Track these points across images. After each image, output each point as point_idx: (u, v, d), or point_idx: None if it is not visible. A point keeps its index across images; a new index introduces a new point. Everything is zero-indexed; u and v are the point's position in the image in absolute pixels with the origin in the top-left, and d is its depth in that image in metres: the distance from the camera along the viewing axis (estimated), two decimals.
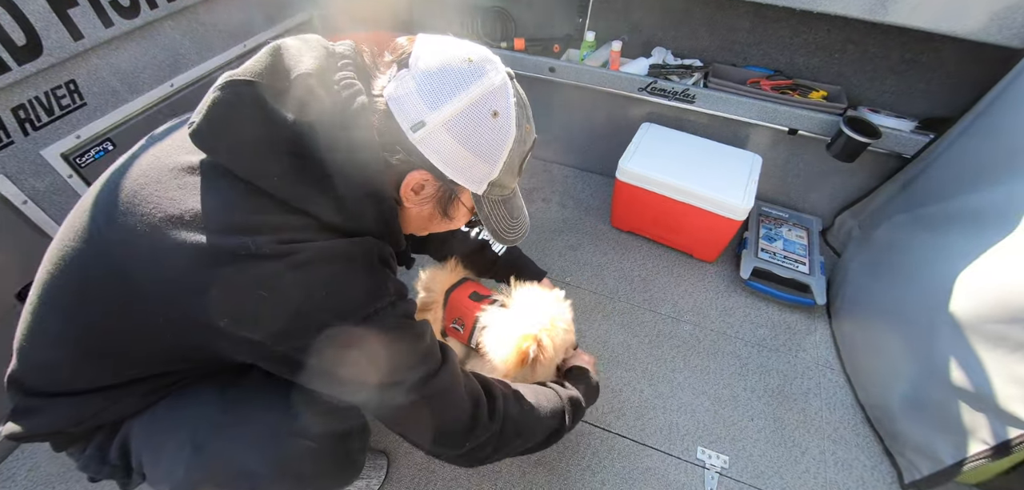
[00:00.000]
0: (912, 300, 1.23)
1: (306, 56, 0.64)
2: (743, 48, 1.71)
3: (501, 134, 0.66)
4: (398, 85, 0.64)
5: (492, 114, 0.64)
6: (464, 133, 0.64)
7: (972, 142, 1.28)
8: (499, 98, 0.65)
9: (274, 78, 0.63)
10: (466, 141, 0.64)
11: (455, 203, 0.73)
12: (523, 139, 0.70)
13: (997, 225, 1.07)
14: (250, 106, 0.60)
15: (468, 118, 0.63)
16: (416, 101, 0.62)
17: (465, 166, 0.66)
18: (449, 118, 0.63)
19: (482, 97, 0.63)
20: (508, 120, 0.66)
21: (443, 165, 0.65)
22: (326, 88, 0.62)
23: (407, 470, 1.17)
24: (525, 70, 1.82)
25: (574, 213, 1.88)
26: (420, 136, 0.63)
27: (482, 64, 0.65)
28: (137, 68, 1.35)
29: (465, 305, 1.10)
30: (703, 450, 1.23)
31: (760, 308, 1.57)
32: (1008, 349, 0.96)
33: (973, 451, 1.02)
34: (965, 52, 1.40)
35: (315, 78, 0.62)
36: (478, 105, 0.63)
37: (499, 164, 0.68)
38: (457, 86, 0.63)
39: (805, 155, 1.72)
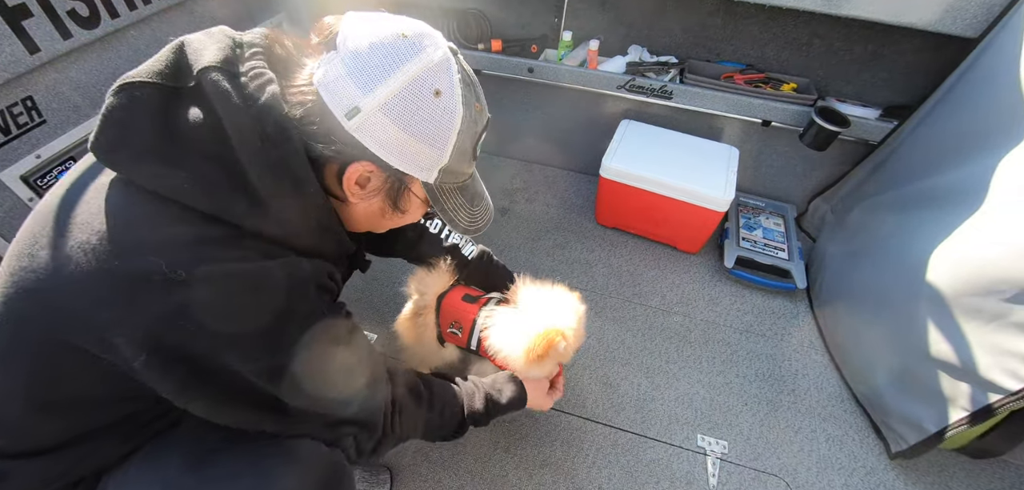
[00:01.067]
0: (887, 279, 1.29)
1: (210, 48, 0.57)
2: (716, 44, 1.76)
3: (446, 115, 0.61)
4: (327, 69, 0.58)
5: (434, 93, 0.59)
6: (404, 117, 0.58)
7: (933, 127, 1.36)
8: (440, 75, 0.60)
9: (177, 76, 0.57)
10: (407, 125, 0.59)
11: (406, 195, 0.68)
12: (474, 119, 0.65)
13: (961, 203, 1.14)
14: (148, 110, 0.54)
15: (407, 99, 0.58)
16: (347, 85, 0.57)
17: (410, 153, 0.61)
18: (385, 101, 0.57)
19: (420, 75, 0.58)
20: (453, 99, 0.61)
21: (386, 154, 0.60)
22: (233, 81, 0.56)
23: (411, 482, 1.15)
24: (504, 71, 1.81)
25: (559, 212, 1.89)
26: (356, 124, 0.58)
27: (418, 39, 0.59)
28: (99, 81, 1.27)
29: (460, 308, 1.08)
30: (703, 437, 1.25)
31: (745, 295, 1.62)
32: (984, 320, 1.02)
33: (955, 418, 1.08)
34: (923, 42, 1.49)
35: (220, 71, 0.55)
36: (417, 84, 0.58)
37: (448, 148, 0.63)
38: (391, 64, 0.57)
39: (778, 145, 1.78)
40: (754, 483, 1.18)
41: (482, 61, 1.81)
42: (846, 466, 1.22)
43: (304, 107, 0.59)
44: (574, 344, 0.99)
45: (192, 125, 0.54)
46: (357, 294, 1.53)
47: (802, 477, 1.19)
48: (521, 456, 1.19)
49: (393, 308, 1.49)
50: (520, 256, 1.71)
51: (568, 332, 0.96)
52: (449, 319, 1.10)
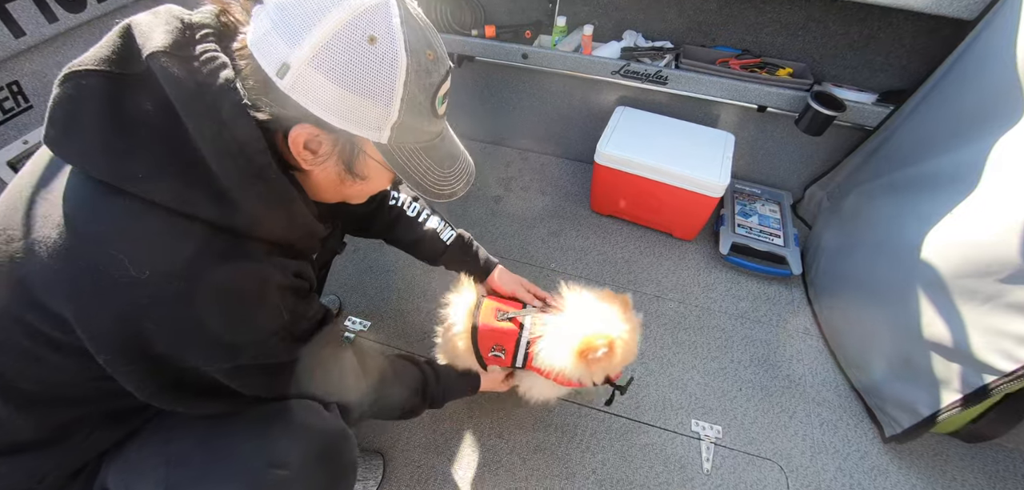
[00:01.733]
0: (883, 264, 1.28)
1: (158, 31, 0.53)
2: (711, 28, 1.74)
3: (385, 64, 0.54)
4: (256, 25, 0.54)
5: (367, 40, 0.52)
6: (336, 69, 0.52)
7: (929, 111, 1.35)
8: (375, 19, 0.53)
9: (125, 62, 0.53)
10: (341, 78, 0.53)
11: (361, 159, 0.62)
12: (425, 68, 0.58)
13: (956, 187, 1.13)
14: (96, 100, 0.51)
15: (336, 50, 0.52)
16: (274, 40, 0.52)
17: (350, 109, 0.55)
18: (313, 54, 0.51)
19: (350, 20, 0.52)
20: (393, 45, 0.54)
21: (326, 113, 0.54)
22: (184, 65, 0.52)
23: (405, 468, 1.14)
24: (497, 57, 1.80)
25: (554, 200, 1.88)
26: (289, 82, 0.52)
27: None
28: None
29: (498, 331, 1.02)
30: (697, 422, 1.25)
31: (740, 282, 1.61)
32: (979, 302, 1.02)
33: (949, 401, 1.08)
34: (919, 25, 1.48)
35: (170, 55, 0.52)
36: (347, 32, 0.52)
37: (394, 101, 0.56)
38: (315, 11, 0.51)
39: (774, 131, 1.77)
40: (748, 467, 1.18)
41: (475, 47, 1.79)
42: (840, 450, 1.22)
43: (242, 74, 0.55)
44: (623, 355, 0.92)
45: (144, 114, 0.52)
46: (351, 282, 1.53)
47: (796, 461, 1.19)
48: (515, 441, 1.19)
49: (385, 296, 1.49)
50: (514, 244, 1.70)
51: (618, 342, 0.90)
52: (489, 344, 1.04)
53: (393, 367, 0.95)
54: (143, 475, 0.65)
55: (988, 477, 1.19)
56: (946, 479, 1.19)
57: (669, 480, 1.15)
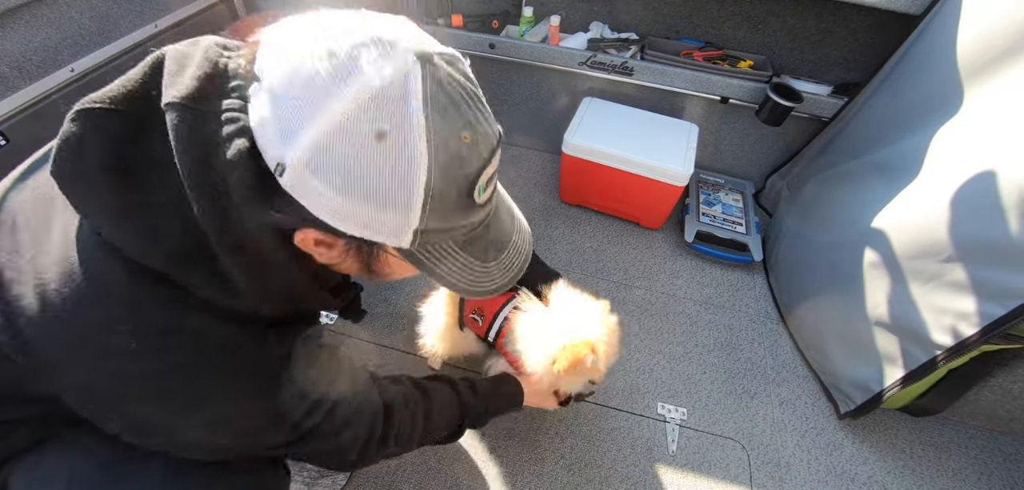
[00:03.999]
0: (837, 248, 1.33)
1: (186, 73, 0.47)
2: (675, 21, 1.78)
3: (400, 166, 0.42)
4: (255, 106, 0.44)
5: (375, 137, 0.41)
6: (337, 176, 0.42)
7: (880, 102, 1.41)
8: (385, 107, 0.41)
9: (148, 100, 0.47)
10: (344, 187, 0.42)
11: (382, 259, 0.53)
12: (457, 157, 0.46)
13: (904, 173, 1.18)
14: (105, 147, 0.45)
15: (336, 152, 0.41)
16: (271, 131, 0.43)
17: (360, 218, 0.45)
18: (309, 157, 0.41)
19: (353, 114, 0.41)
20: (408, 138, 0.42)
21: (331, 218, 0.45)
22: (198, 125, 0.45)
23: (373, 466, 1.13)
24: (464, 47, 1.78)
25: (523, 190, 1.89)
26: (288, 182, 0.43)
27: (353, 57, 0.41)
28: (28, 51, 1.19)
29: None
30: (663, 405, 1.28)
31: (704, 269, 1.65)
32: (923, 281, 1.07)
33: (897, 376, 1.13)
34: (871, 20, 1.54)
35: (187, 109, 0.45)
36: (348, 129, 0.41)
37: (413, 208, 0.45)
38: (311, 102, 0.41)
39: (736, 122, 1.82)
40: (712, 447, 1.21)
41: (442, 37, 1.77)
42: (798, 427, 1.27)
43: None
44: (605, 360, 0.91)
45: (151, 171, 0.47)
46: None
47: (757, 439, 1.23)
48: (484, 429, 1.19)
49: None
50: None
51: (598, 345, 0.89)
52: (472, 306, 1.05)
53: (419, 385, 0.88)
54: (45, 484, 0.61)
55: (935, 448, 1.26)
56: (896, 451, 1.25)
57: (636, 462, 1.17)
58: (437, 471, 1.12)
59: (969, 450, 1.27)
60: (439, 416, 0.87)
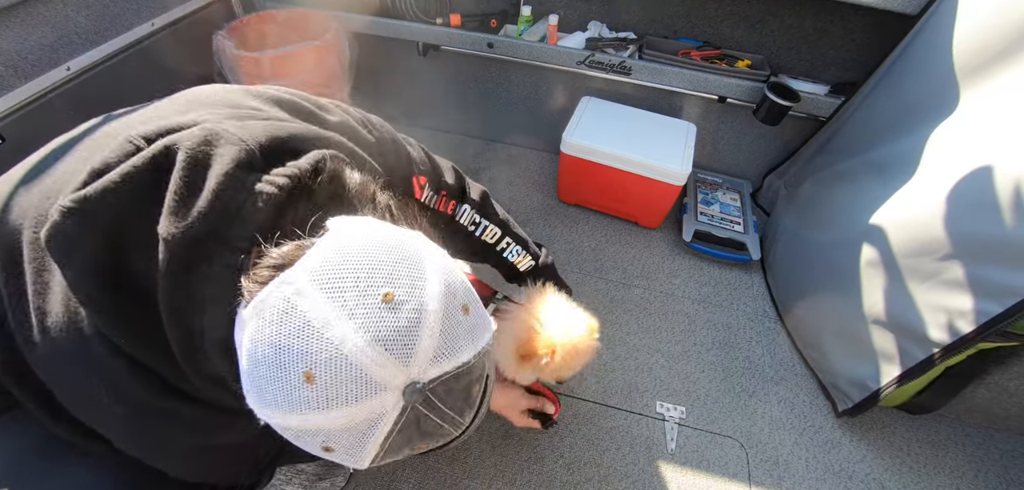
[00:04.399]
0: (834, 247, 1.34)
1: (195, 202, 0.45)
2: (673, 21, 1.78)
3: (339, 459, 0.43)
4: (238, 331, 0.44)
5: (323, 448, 0.42)
6: (288, 438, 0.43)
7: (878, 101, 1.41)
8: (341, 438, 0.41)
9: (143, 206, 0.45)
10: (294, 443, 0.44)
11: None
12: (403, 453, 0.46)
13: (901, 172, 1.19)
14: (94, 252, 0.45)
15: (286, 432, 0.42)
16: (242, 364, 0.43)
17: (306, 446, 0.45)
18: (268, 422, 0.43)
19: (308, 432, 0.41)
20: (354, 455, 0.42)
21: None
22: (191, 270, 0.44)
23: None
24: (463, 47, 1.78)
25: (522, 190, 1.89)
26: (249, 403, 0.43)
27: (330, 393, 0.39)
28: (23, 50, 1.18)
29: None
30: (661, 404, 1.28)
31: (702, 268, 1.65)
32: (920, 279, 1.08)
33: (895, 374, 1.14)
34: (868, 20, 1.54)
35: (181, 248, 0.44)
36: (301, 436, 0.41)
37: (356, 465, 0.45)
38: (274, 402, 0.40)
39: (734, 122, 1.82)
40: (710, 445, 1.21)
41: (440, 36, 1.77)
42: (796, 426, 1.27)
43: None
44: (564, 364, 0.89)
45: (142, 283, 0.46)
46: None
47: (755, 437, 1.24)
48: (483, 429, 1.19)
49: None
50: None
51: (560, 349, 0.87)
52: None
53: None
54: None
55: (932, 446, 1.27)
56: (894, 449, 1.25)
57: (635, 460, 1.17)
58: (435, 470, 1.12)
59: (966, 447, 1.27)
60: None
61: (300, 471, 1.07)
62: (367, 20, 1.79)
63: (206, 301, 0.45)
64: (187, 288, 0.45)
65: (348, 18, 1.77)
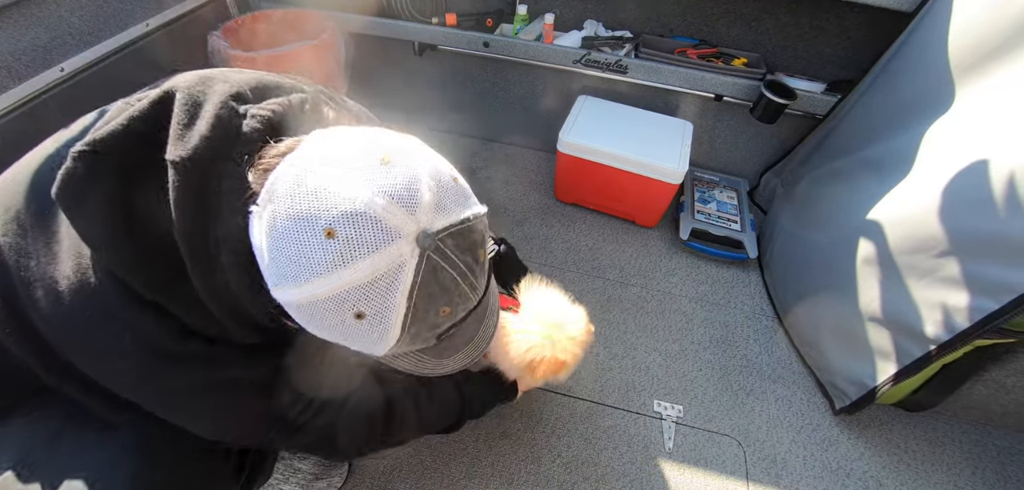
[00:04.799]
0: (831, 244, 1.34)
1: (195, 128, 0.47)
2: (669, 19, 1.78)
3: (373, 334, 0.46)
4: (255, 226, 0.46)
5: (355, 316, 0.44)
6: (317, 324, 0.46)
7: (874, 99, 1.42)
8: (370, 297, 0.43)
9: (150, 145, 0.48)
10: (324, 331, 0.47)
11: None
12: (430, 323, 0.48)
13: (897, 169, 1.19)
14: (106, 193, 0.47)
15: (317, 315, 0.45)
16: (263, 260, 0.45)
17: (336, 339, 0.48)
18: (292, 306, 0.46)
19: (337, 296, 0.43)
20: (385, 322, 0.45)
21: (310, 328, 0.48)
22: (201, 189, 0.47)
23: (370, 460, 1.12)
24: (459, 46, 1.78)
25: (518, 189, 1.88)
26: (275, 295, 0.46)
27: (352, 244, 0.42)
28: (16, 51, 1.17)
29: None
30: (659, 403, 1.28)
31: (700, 266, 1.65)
32: (916, 276, 1.08)
33: (892, 372, 1.14)
34: (863, 17, 1.54)
35: (190, 171, 0.46)
36: (331, 305, 0.44)
37: (380, 352, 0.49)
38: (300, 272, 0.43)
39: (731, 120, 1.82)
40: (708, 443, 1.21)
41: (436, 35, 1.77)
42: (794, 424, 1.27)
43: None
44: (572, 366, 0.95)
45: (156, 221, 0.48)
46: None
47: (753, 436, 1.23)
48: (480, 427, 1.19)
49: None
50: None
51: (571, 361, 0.93)
52: None
53: (420, 378, 0.89)
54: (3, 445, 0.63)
55: (929, 443, 1.27)
56: (891, 446, 1.25)
57: (633, 459, 1.17)
58: (433, 470, 1.12)
59: (963, 444, 1.28)
60: (440, 405, 0.89)
61: (297, 471, 1.07)
62: (363, 20, 1.78)
63: (219, 212, 0.47)
64: (199, 205, 0.47)
65: (344, 18, 1.76)
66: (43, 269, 0.51)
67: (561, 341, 0.91)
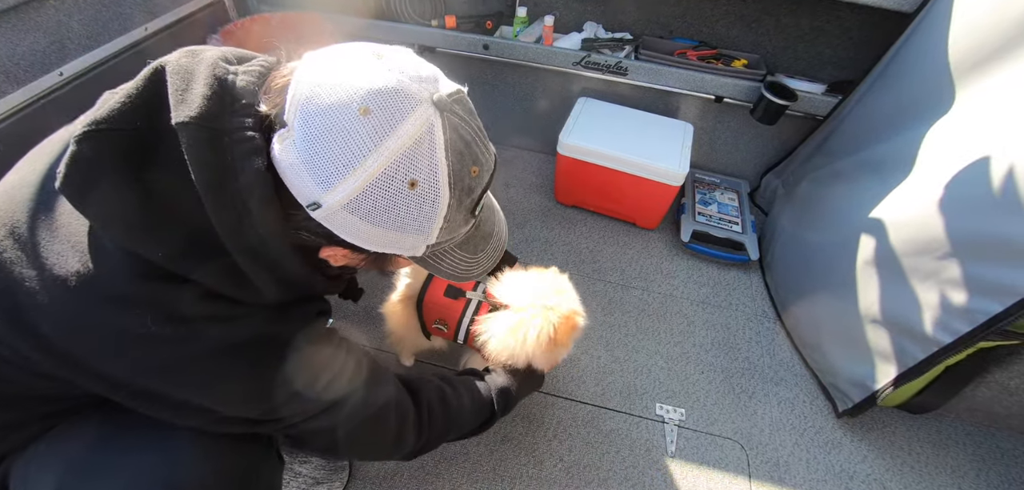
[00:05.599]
0: (833, 246, 1.33)
1: (194, 91, 0.49)
2: (669, 21, 1.77)
3: (427, 205, 0.50)
4: (282, 150, 0.48)
5: (408, 185, 0.48)
6: (374, 214, 0.49)
7: (875, 99, 1.41)
8: (417, 160, 0.48)
9: (152, 117, 0.49)
10: (380, 221, 0.49)
11: (393, 261, 0.63)
12: (467, 188, 0.53)
13: (898, 170, 1.19)
14: (118, 167, 0.47)
15: (374, 197, 0.48)
16: (304, 176, 0.47)
17: (387, 242, 0.53)
18: (348, 200, 0.47)
19: (390, 167, 0.47)
20: (435, 184, 0.50)
21: (359, 241, 0.52)
22: (214, 143, 0.47)
23: (371, 466, 1.12)
24: (458, 48, 1.78)
25: (519, 192, 1.88)
26: (321, 216, 0.49)
27: (388, 114, 0.46)
28: (16, 55, 1.17)
29: (444, 305, 1.05)
30: (661, 406, 1.27)
31: (701, 268, 1.65)
32: (919, 278, 1.07)
33: (895, 374, 1.13)
34: (864, 18, 1.54)
35: (200, 128, 0.47)
36: (386, 179, 0.47)
37: (433, 232, 0.53)
38: (350, 157, 0.46)
39: (731, 121, 1.82)
40: (710, 447, 1.21)
41: (436, 38, 1.77)
42: (797, 427, 1.26)
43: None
44: (566, 326, 0.96)
45: (168, 187, 0.48)
46: None
47: (756, 439, 1.23)
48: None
49: None
50: None
51: (580, 310, 0.96)
52: (433, 316, 1.06)
53: (449, 381, 0.90)
54: (42, 471, 0.62)
55: (933, 445, 1.26)
56: (895, 448, 1.25)
57: (635, 463, 1.16)
58: (434, 474, 1.11)
59: (966, 447, 1.27)
60: (470, 402, 0.90)
61: (297, 475, 1.06)
62: (362, 22, 1.78)
63: (234, 161, 0.48)
64: (215, 158, 0.47)
65: (343, 20, 1.76)
66: (47, 273, 0.50)
67: (559, 306, 0.94)
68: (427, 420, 0.81)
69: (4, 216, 0.53)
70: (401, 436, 0.77)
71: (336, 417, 0.67)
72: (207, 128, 0.47)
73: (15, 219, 0.52)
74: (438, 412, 0.83)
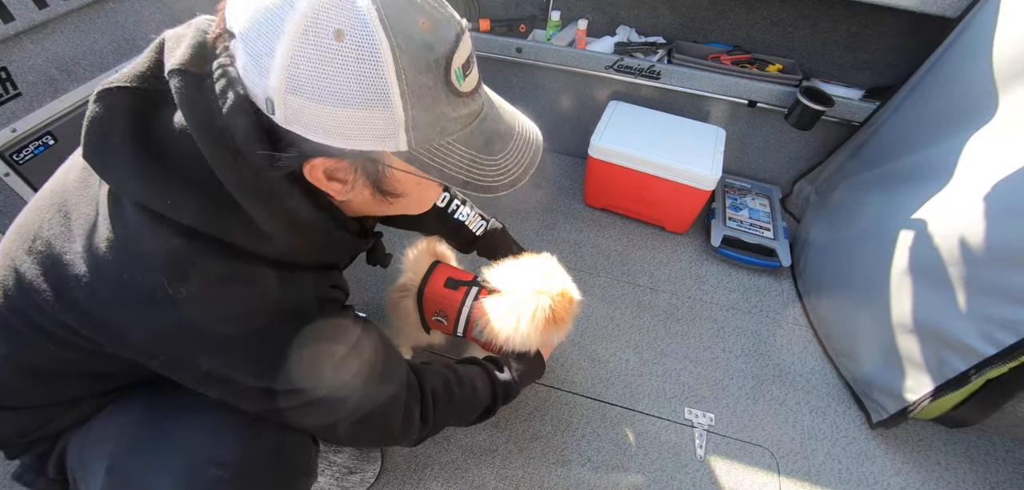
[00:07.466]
0: (868, 254, 1.31)
1: (181, 45, 0.52)
2: (703, 25, 1.77)
3: (362, 60, 0.45)
4: (238, 57, 0.49)
5: (333, 37, 0.44)
6: (310, 86, 0.45)
7: (915, 105, 1.39)
8: (334, 12, 0.44)
9: (156, 78, 0.52)
10: (320, 95, 0.45)
11: (388, 175, 0.56)
12: (421, 43, 0.47)
13: (939, 178, 1.16)
14: (125, 120, 0.51)
15: (300, 65, 0.44)
16: (251, 74, 0.47)
17: (346, 125, 0.47)
18: (283, 78, 0.45)
19: (306, 27, 0.43)
20: (364, 33, 0.44)
21: (326, 137, 0.48)
22: (198, 84, 0.50)
23: (402, 457, 1.15)
24: (492, 51, 1.80)
25: (548, 193, 1.89)
26: (281, 116, 0.47)
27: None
28: (77, 55, 1.24)
29: (444, 295, 1.07)
30: (690, 410, 1.27)
31: (731, 274, 1.64)
32: (959, 288, 1.05)
33: (932, 386, 1.11)
34: (905, 24, 1.51)
35: (184, 74, 0.49)
36: (306, 39, 0.44)
37: (392, 99, 0.46)
38: (272, 30, 0.44)
39: (764, 126, 1.80)
40: (740, 453, 1.20)
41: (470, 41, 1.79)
42: (829, 436, 1.25)
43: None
44: (565, 305, 0.98)
45: (171, 136, 0.52)
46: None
47: (786, 447, 1.22)
48: (511, 431, 1.20)
49: (384, 284, 1.49)
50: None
51: (571, 287, 0.98)
52: (433, 308, 1.08)
53: (453, 368, 0.93)
54: (96, 447, 0.66)
55: (970, 461, 1.23)
56: (930, 462, 1.22)
57: (663, 466, 1.17)
58: (463, 469, 1.13)
59: (1007, 464, 1.24)
60: (473, 392, 0.91)
61: (331, 463, 1.10)
62: None
63: (216, 101, 0.49)
64: (202, 99, 0.50)
65: None
66: (78, 242, 0.54)
67: (550, 288, 0.95)
68: (432, 410, 0.83)
69: (56, 197, 0.58)
70: (404, 431, 0.79)
71: (339, 412, 0.69)
72: (191, 74, 0.50)
73: (64, 197, 0.57)
74: (443, 403, 0.85)
